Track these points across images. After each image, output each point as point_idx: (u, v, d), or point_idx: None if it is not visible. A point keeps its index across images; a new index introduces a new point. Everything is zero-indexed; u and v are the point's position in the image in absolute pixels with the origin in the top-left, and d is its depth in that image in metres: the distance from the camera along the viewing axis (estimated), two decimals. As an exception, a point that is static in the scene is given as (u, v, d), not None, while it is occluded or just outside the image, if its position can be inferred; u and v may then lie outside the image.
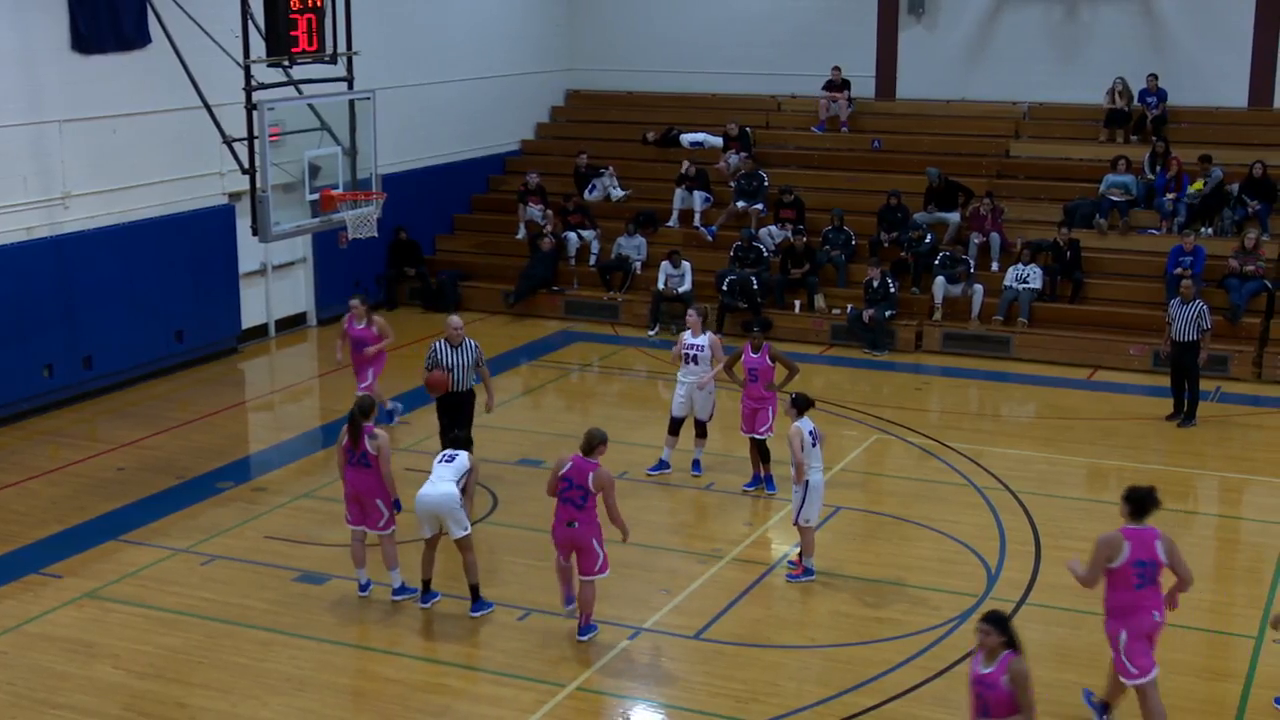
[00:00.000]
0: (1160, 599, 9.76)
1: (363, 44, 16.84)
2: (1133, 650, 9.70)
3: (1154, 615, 9.72)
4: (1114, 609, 9.74)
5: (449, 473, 12.06)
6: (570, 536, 11.50)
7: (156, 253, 19.42)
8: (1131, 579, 9.59)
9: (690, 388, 15.41)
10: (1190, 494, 15.94)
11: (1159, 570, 9.68)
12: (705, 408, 15.52)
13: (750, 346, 15.11)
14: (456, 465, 12.11)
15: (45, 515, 14.63)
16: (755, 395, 14.99)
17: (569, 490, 11.43)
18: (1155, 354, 19.73)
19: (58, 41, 18.01)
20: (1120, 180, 22.92)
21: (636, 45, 28.25)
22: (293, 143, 15.78)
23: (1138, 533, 9.66)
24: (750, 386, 15.02)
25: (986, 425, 18.66)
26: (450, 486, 11.95)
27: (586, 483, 11.36)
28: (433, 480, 12.07)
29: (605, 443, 11.64)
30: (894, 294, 21.53)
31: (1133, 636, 9.68)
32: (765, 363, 15.01)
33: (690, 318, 15.64)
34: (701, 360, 15.35)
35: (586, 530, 11.46)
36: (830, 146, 26.06)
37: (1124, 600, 9.66)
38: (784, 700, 10.86)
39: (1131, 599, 9.64)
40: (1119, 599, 9.68)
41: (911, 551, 13.82)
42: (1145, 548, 9.61)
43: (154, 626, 12.08)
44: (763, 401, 14.98)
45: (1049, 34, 25.58)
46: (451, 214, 26.13)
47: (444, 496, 11.92)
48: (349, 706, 10.90)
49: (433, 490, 11.99)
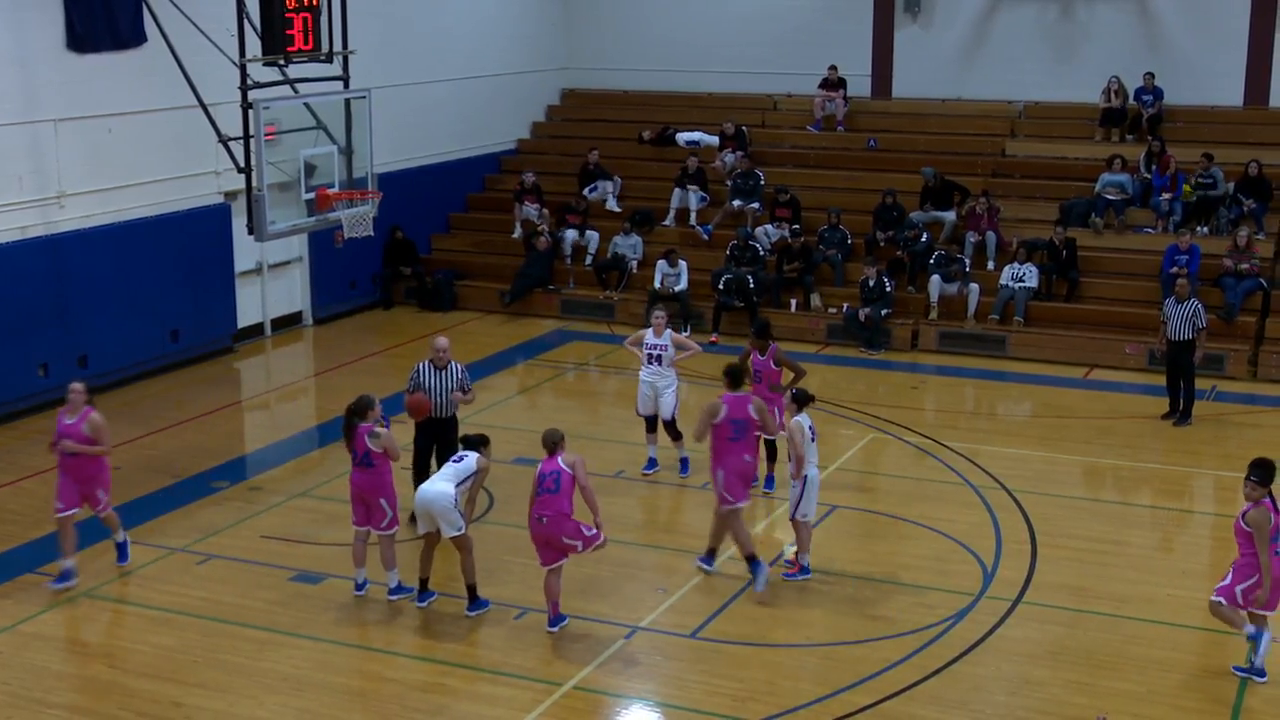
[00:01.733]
0: (752, 447, 12.89)
1: (359, 42, 16.83)
2: (729, 484, 12.60)
3: (745, 458, 12.76)
4: (715, 454, 12.77)
5: (452, 473, 12.06)
6: (545, 533, 11.64)
7: (152, 252, 19.40)
8: (727, 432, 12.64)
9: (650, 386, 15.55)
10: (1186, 492, 15.95)
11: (750, 426, 12.78)
12: (667, 406, 15.56)
13: (757, 350, 15.11)
14: (462, 467, 12.11)
15: (40, 515, 14.56)
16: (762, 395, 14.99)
17: (545, 482, 11.60)
18: (1151, 352, 19.75)
19: (53, 40, 17.98)
20: (1116, 179, 22.93)
21: (632, 44, 28.25)
22: (288, 142, 15.78)
23: (734, 398, 12.76)
24: (756, 388, 15.02)
25: (982, 424, 18.67)
26: (447, 486, 11.95)
27: (558, 467, 11.55)
28: (434, 478, 12.09)
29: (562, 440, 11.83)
30: (890, 293, 21.53)
31: (728, 474, 12.59)
32: (770, 366, 15.00)
33: (656, 318, 15.67)
34: (665, 359, 15.50)
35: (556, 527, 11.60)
36: (826, 145, 26.06)
37: (721, 448, 12.68)
38: (781, 699, 10.86)
39: (727, 447, 12.65)
40: (718, 447, 12.70)
41: (908, 550, 13.83)
42: (739, 408, 12.62)
43: (150, 626, 12.07)
44: (769, 403, 14.97)
45: (1045, 33, 25.59)
46: (447, 213, 26.11)
47: (439, 495, 11.92)
48: (346, 706, 10.89)
49: (430, 488, 12.02)
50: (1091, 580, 13.05)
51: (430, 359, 13.94)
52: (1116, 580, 13.02)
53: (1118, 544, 13.95)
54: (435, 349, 13.95)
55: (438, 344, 14.00)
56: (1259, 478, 11.06)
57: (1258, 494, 10.98)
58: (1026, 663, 11.49)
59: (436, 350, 13.94)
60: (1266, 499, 10.98)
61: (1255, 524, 10.87)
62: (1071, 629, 12.08)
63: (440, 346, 13.94)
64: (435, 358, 13.90)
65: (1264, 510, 10.91)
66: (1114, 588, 12.85)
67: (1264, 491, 10.99)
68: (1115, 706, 10.66)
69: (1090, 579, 13.08)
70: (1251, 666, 11.07)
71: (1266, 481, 11.06)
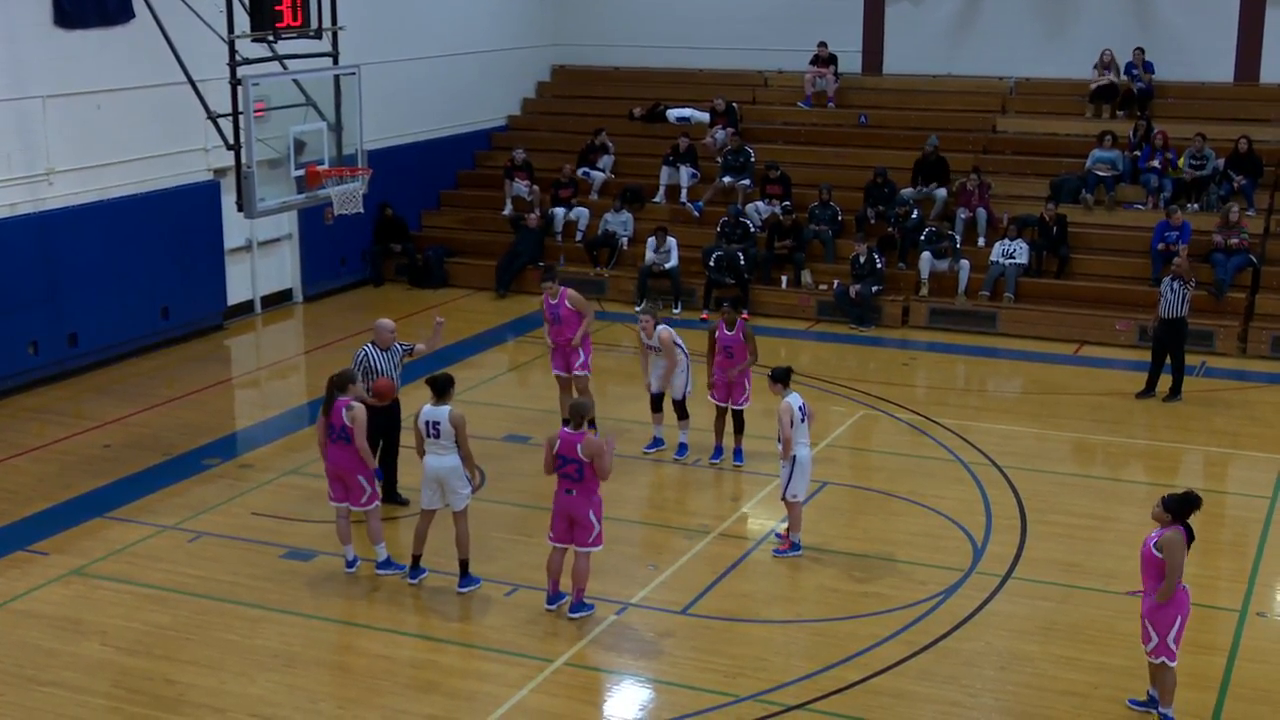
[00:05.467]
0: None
1: (348, 18, 16.75)
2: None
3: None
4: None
5: (445, 442, 11.98)
6: (568, 504, 11.53)
7: (141, 229, 19.35)
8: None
9: (660, 367, 15.47)
10: (1175, 468, 15.99)
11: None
12: (679, 387, 15.52)
13: (725, 323, 15.08)
14: (444, 434, 11.95)
15: (32, 493, 14.60)
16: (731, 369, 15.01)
17: (564, 466, 11.48)
18: (1141, 329, 19.78)
19: (40, 16, 17.89)
20: (1106, 156, 22.93)
21: (623, 21, 28.15)
22: (278, 118, 15.69)
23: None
24: (726, 362, 15.03)
25: (973, 400, 18.71)
26: (454, 458, 11.97)
27: (577, 454, 11.39)
28: (433, 452, 12.05)
29: (590, 412, 11.72)
30: (881, 270, 21.53)
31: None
32: (740, 339, 15.00)
33: (643, 321, 15.42)
34: (662, 354, 15.44)
35: (583, 500, 11.49)
36: (817, 122, 26.00)
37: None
38: (771, 674, 10.90)
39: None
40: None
41: (898, 526, 13.87)
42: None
43: (141, 603, 12.08)
44: (739, 375, 15.02)
45: (1036, 9, 25.55)
46: (438, 190, 26.05)
47: (450, 467, 11.96)
48: (337, 682, 10.91)
49: (438, 463, 12.00)
50: (1081, 556, 13.11)
51: (374, 340, 13.69)
52: (1106, 556, 13.07)
53: (1107, 520, 14.00)
54: (382, 330, 13.71)
55: (385, 325, 13.76)
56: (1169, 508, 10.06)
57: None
58: (1016, 638, 11.54)
59: (384, 331, 13.69)
60: (1182, 530, 10.02)
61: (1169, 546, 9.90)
62: (1061, 604, 12.13)
63: (389, 327, 13.73)
64: (381, 339, 13.67)
65: (1179, 535, 9.96)
66: (1103, 563, 12.91)
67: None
68: (1104, 681, 10.73)
69: (1080, 555, 13.13)
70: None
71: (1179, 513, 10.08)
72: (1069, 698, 10.59)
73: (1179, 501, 10.02)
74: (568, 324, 15.66)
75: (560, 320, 15.68)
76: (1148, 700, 10.34)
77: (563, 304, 15.64)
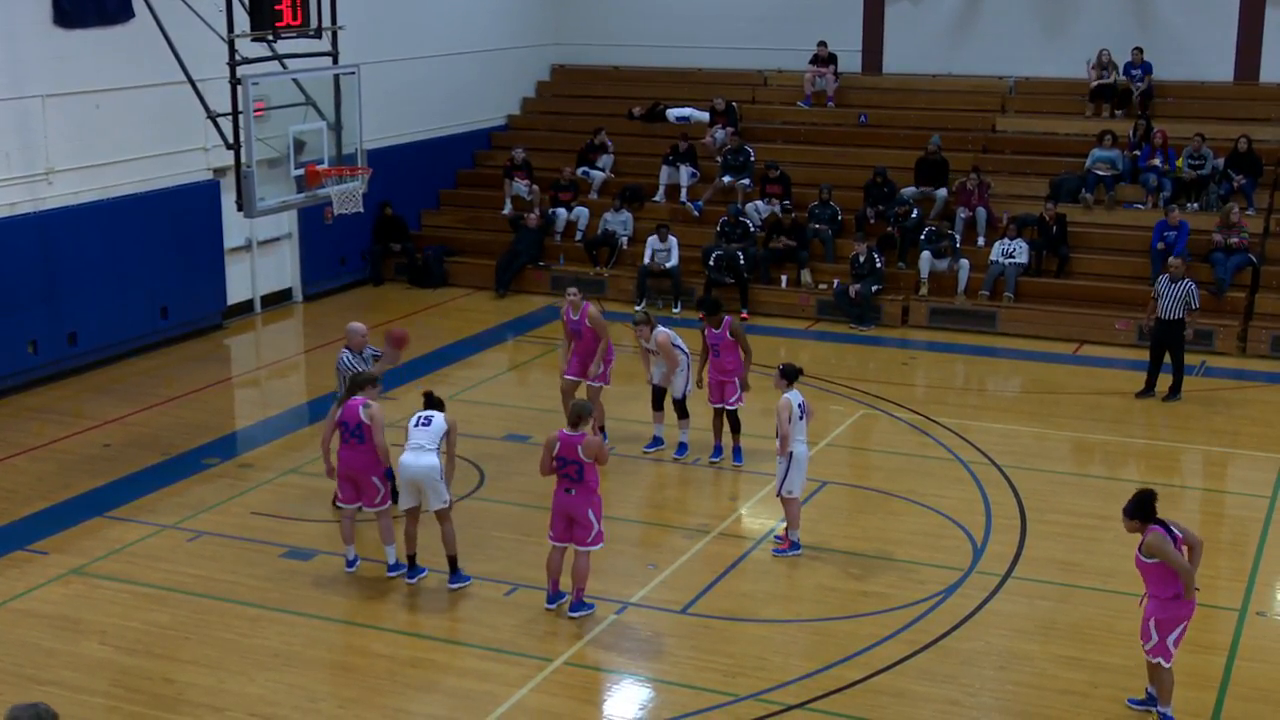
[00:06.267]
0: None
1: (347, 18, 16.75)
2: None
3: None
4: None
5: (427, 438, 12.00)
6: (567, 504, 11.53)
7: (141, 228, 19.35)
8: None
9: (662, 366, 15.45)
10: (1175, 468, 16.00)
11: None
12: (679, 386, 15.51)
13: (711, 325, 15.08)
14: (434, 430, 12.04)
15: (31, 492, 14.60)
16: (721, 368, 15.03)
17: (564, 467, 11.48)
18: (1140, 328, 19.78)
19: (40, 16, 17.88)
20: (1106, 155, 22.93)
21: (622, 20, 28.15)
22: (278, 118, 15.69)
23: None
24: (715, 360, 15.04)
25: (972, 400, 18.71)
26: (432, 458, 11.95)
27: (578, 455, 11.38)
28: (413, 449, 12.02)
29: (591, 414, 11.67)
30: (880, 269, 21.53)
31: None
32: (726, 337, 15.00)
33: (638, 328, 15.37)
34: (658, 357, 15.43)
35: (583, 500, 11.50)
36: (816, 121, 26.00)
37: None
38: (771, 674, 10.90)
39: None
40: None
41: (897, 526, 13.87)
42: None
43: (141, 603, 12.07)
44: (729, 374, 15.02)
45: (1035, 8, 25.55)
46: (437, 189, 26.05)
47: (426, 469, 11.92)
48: (336, 681, 10.91)
49: (415, 461, 11.97)
50: (1080, 555, 13.11)
51: (349, 344, 13.60)
52: (1105, 555, 13.06)
53: (1106, 519, 13.95)
54: (353, 334, 13.61)
55: (355, 329, 13.67)
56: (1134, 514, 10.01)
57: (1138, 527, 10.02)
58: (1015, 637, 11.54)
59: (355, 335, 13.60)
60: (1158, 527, 9.96)
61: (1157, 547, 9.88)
62: (1060, 604, 12.13)
63: (360, 331, 13.65)
64: (353, 341, 13.57)
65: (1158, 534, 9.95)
66: (1102, 562, 12.90)
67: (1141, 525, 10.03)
68: (1103, 680, 10.73)
69: (1079, 554, 13.14)
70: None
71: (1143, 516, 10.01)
72: (1068, 697, 10.59)
73: (1136, 505, 9.96)
74: (586, 340, 15.55)
75: (580, 335, 15.59)
76: (1147, 698, 10.35)
77: (583, 321, 15.49)
